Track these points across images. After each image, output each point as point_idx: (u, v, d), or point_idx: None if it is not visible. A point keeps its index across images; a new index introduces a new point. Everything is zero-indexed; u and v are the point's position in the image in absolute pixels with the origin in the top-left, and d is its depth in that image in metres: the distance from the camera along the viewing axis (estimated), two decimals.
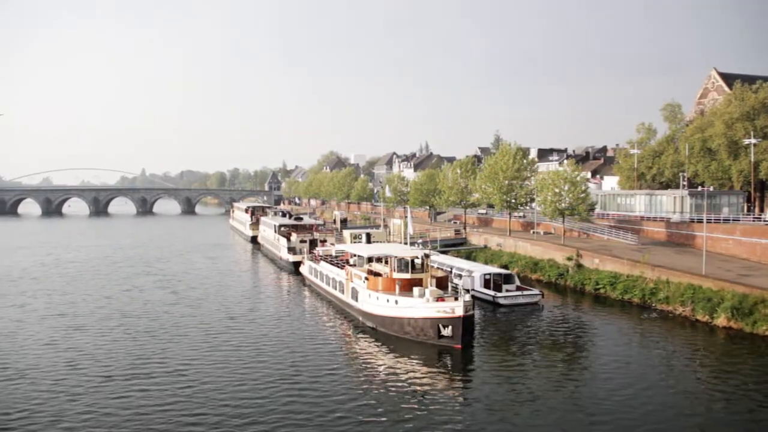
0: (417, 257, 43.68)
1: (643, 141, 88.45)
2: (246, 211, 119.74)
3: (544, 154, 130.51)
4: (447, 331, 37.51)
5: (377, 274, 44.69)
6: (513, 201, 77.66)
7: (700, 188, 74.65)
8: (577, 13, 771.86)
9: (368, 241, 59.45)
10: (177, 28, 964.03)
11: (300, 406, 28.15)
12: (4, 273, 70.19)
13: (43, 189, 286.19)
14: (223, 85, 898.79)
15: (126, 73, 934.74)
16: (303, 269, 64.77)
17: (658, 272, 50.77)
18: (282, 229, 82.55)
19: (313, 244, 72.72)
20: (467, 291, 41.31)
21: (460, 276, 54.12)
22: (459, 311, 37.10)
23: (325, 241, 75.06)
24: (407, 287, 41.23)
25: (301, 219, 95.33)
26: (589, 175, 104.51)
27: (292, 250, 73.88)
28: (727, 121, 71.53)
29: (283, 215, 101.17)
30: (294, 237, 76.47)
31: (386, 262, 45.21)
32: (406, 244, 51.93)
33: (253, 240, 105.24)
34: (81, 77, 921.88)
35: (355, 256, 51.18)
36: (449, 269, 55.41)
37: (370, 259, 47.78)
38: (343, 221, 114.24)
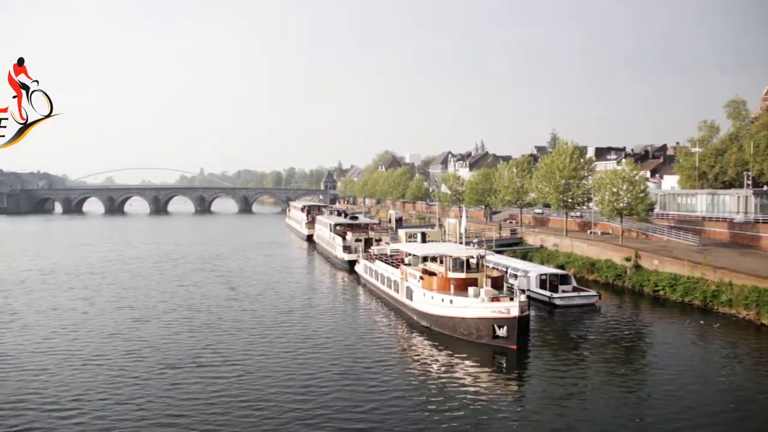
0: (472, 257, 43.48)
1: (705, 139, 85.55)
2: (302, 210, 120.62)
3: (601, 152, 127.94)
4: (502, 332, 37.30)
5: (432, 274, 44.75)
6: (570, 201, 76.58)
7: (765, 187, 72.18)
8: (635, 9, 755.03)
9: (423, 241, 59.51)
10: (236, 31, 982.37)
11: (354, 398, 28.64)
12: (72, 268, 72.94)
13: (106, 188, 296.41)
14: (280, 86, 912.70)
15: (184, 75, 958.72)
16: (358, 268, 65.21)
17: (721, 274, 49.20)
18: (337, 228, 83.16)
19: (368, 243, 73.10)
20: (523, 291, 41.10)
21: (515, 276, 53.75)
22: (514, 311, 36.85)
23: (380, 240, 75.35)
24: (462, 287, 41.17)
25: (357, 218, 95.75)
26: (648, 174, 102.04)
27: (347, 248, 74.39)
28: None
29: (339, 214, 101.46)
30: (349, 236, 76.98)
31: (441, 262, 45.27)
32: (461, 243, 51.84)
33: (309, 239, 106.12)
34: (142, 79, 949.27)
35: (410, 255, 51.41)
36: (505, 269, 55.03)
37: (425, 259, 47.91)
38: (398, 220, 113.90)
